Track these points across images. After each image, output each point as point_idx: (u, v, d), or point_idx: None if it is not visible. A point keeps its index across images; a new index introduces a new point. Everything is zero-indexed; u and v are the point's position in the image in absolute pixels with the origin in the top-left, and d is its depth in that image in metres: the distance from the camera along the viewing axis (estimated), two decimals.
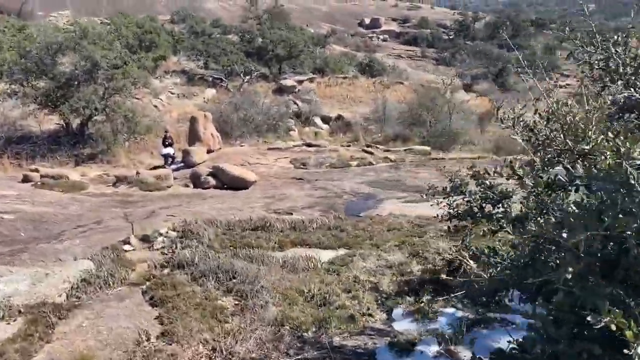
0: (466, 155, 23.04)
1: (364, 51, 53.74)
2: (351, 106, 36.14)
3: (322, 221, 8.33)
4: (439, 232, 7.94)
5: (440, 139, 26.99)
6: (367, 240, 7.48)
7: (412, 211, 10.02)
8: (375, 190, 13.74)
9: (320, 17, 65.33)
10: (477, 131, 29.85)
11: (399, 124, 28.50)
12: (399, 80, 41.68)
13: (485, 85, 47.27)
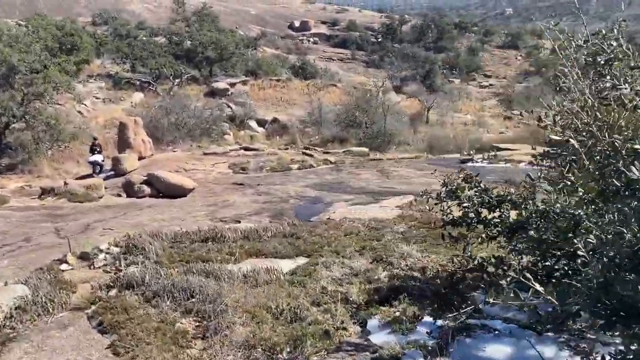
0: (403, 155, 23.31)
1: (296, 54, 53.56)
2: (286, 109, 35.82)
3: (277, 229, 7.93)
4: (396, 235, 7.76)
5: (377, 140, 27.23)
6: (326, 247, 7.16)
7: (363, 214, 9.81)
8: (321, 194, 13.48)
9: (249, 19, 64.54)
10: (410, 131, 30.38)
11: (335, 125, 28.46)
12: (332, 83, 41.81)
13: (414, 87, 48.37)
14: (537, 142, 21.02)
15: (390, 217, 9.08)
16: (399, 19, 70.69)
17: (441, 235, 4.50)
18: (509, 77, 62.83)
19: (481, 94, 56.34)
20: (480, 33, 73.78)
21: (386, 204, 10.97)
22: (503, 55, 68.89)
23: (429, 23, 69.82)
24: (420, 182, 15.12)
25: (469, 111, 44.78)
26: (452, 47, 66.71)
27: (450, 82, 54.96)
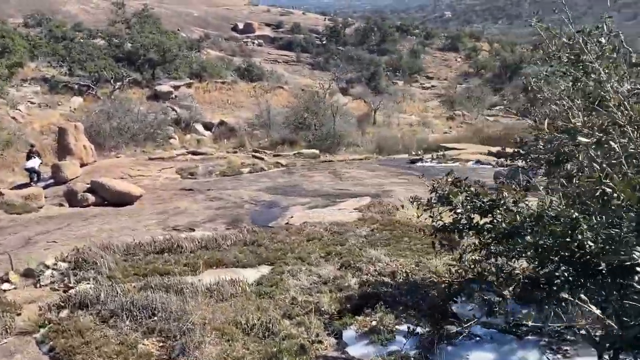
0: (353, 157, 23.31)
1: (240, 56, 52.94)
2: (233, 111, 35.23)
3: (237, 236, 7.61)
4: (360, 239, 7.61)
5: (326, 141, 27.15)
6: (290, 254, 6.91)
7: (322, 217, 9.62)
8: (276, 197, 13.19)
9: (192, 21, 63.26)
10: (358, 133, 30.51)
11: (284, 128, 28.20)
12: (279, 85, 41.53)
13: (359, 89, 48.79)
14: (480, 141, 21.34)
15: (351, 220, 8.93)
16: (343, 21, 71.22)
17: (432, 244, 4.33)
18: (450, 78, 64.49)
19: (424, 95, 57.54)
20: (422, 36, 75.39)
21: (344, 207, 10.82)
22: (444, 57, 70.62)
23: (371, 26, 70.75)
24: (373, 183, 15.10)
25: (413, 112, 45.59)
26: (395, 49, 67.86)
27: (394, 83, 55.84)
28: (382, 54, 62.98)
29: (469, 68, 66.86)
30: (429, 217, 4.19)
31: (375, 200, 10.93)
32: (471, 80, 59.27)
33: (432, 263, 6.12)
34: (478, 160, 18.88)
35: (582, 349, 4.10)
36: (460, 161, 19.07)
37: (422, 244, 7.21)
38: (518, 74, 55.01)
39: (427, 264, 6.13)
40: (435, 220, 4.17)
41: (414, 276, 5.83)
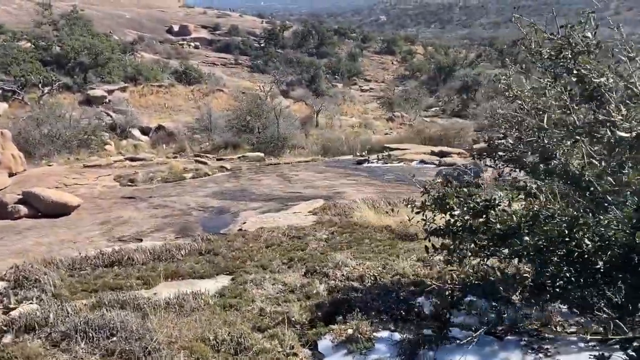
0: (299, 159, 23.10)
1: (176, 58, 51.60)
2: (171, 115, 34.21)
3: (191, 246, 7.22)
4: (320, 243, 7.41)
5: (270, 144, 26.82)
6: (249, 262, 6.62)
7: (277, 222, 9.36)
8: (225, 203, 12.78)
9: (124, 23, 61.08)
10: (302, 135, 30.36)
11: (227, 131, 27.64)
12: (218, 88, 40.78)
13: (300, 91, 48.75)
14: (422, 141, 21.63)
15: (308, 224, 8.72)
16: (281, 24, 71.02)
17: (425, 248, 4.16)
18: (387, 80, 65.67)
19: (363, 97, 58.28)
20: (359, 39, 76.37)
21: (298, 210, 10.60)
22: (381, 60, 71.83)
23: (309, 29, 70.93)
24: (323, 185, 14.96)
25: (354, 114, 46.03)
26: (333, 52, 68.42)
27: (334, 86, 56.26)
28: (321, 57, 63.29)
29: (405, 71, 68.31)
30: (421, 220, 4.00)
31: (329, 203, 10.77)
32: (408, 83, 60.57)
33: (399, 265, 6.01)
34: (422, 160, 19.15)
35: (562, 347, 4.07)
36: (405, 161, 19.27)
37: (384, 246, 7.11)
38: (452, 77, 56.77)
39: (393, 266, 6.00)
40: (428, 224, 3.98)
41: (382, 279, 5.69)
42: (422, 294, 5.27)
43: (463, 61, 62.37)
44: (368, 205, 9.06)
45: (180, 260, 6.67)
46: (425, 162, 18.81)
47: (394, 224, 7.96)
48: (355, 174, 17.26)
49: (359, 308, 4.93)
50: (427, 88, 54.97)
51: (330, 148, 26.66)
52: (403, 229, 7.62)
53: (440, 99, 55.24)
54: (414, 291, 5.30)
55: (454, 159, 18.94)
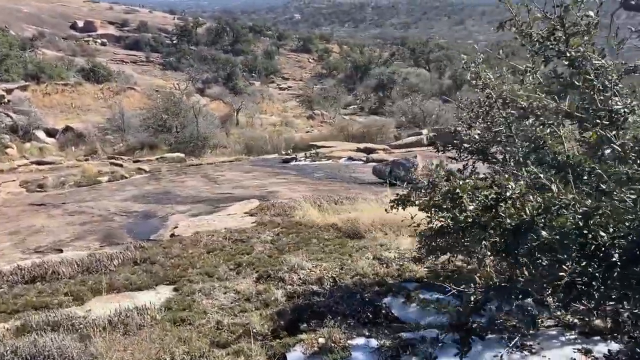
0: (222, 159, 22.35)
1: (82, 56, 48.55)
2: (79, 115, 32.06)
3: (124, 255, 6.48)
4: (267, 245, 6.94)
5: (190, 144, 25.82)
6: (191, 270, 6.02)
7: (213, 225, 8.76)
8: (149, 207, 11.91)
9: (23, 18, 56.63)
10: (222, 134, 29.51)
11: (143, 131, 26.24)
12: (129, 86, 38.79)
13: (217, 89, 47.63)
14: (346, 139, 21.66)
15: (248, 226, 8.20)
16: (193, 21, 68.98)
17: (426, 247, 3.79)
18: (305, 79, 65.79)
19: (282, 96, 58.03)
20: (275, 37, 75.89)
21: (232, 211, 10.03)
22: (297, 58, 71.81)
23: (224, 26, 69.57)
24: (253, 185, 14.42)
25: (273, 112, 45.69)
26: (249, 50, 67.52)
27: (252, 84, 55.52)
28: (236, 55, 62.22)
29: (322, 69, 68.74)
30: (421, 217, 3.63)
31: (266, 203, 10.28)
32: (325, 81, 60.98)
33: (356, 265, 5.68)
34: (350, 157, 19.08)
35: (544, 342, 3.91)
36: (333, 158, 19.12)
37: (334, 245, 6.77)
38: (368, 75, 57.80)
39: (351, 266, 5.67)
40: (433, 220, 3.59)
41: (342, 281, 5.33)
42: (387, 294, 4.97)
43: (378, 60, 63.70)
44: (310, 204, 8.68)
45: (114, 272, 5.95)
46: (352, 159, 18.75)
47: (340, 222, 7.64)
48: (284, 172, 16.85)
49: (326, 314, 4.54)
50: (345, 86, 55.60)
51: (254, 147, 26.08)
52: (351, 227, 7.31)
53: (357, 97, 56.09)
54: (379, 292, 4.98)
55: (381, 155, 19.02)
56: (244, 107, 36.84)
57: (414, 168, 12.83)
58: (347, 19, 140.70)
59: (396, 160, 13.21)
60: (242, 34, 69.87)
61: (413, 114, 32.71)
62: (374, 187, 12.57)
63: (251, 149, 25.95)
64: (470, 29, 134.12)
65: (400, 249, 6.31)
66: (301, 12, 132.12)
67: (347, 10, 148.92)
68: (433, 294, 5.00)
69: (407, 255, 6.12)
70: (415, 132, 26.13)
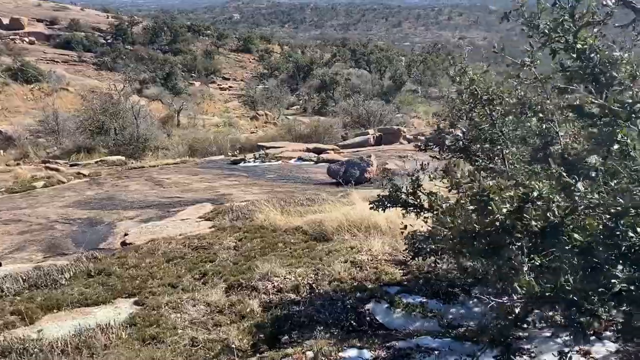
0: (166, 161, 21.48)
1: (8, 55, 45.83)
2: (7, 118, 30.19)
3: (76, 267, 5.90)
4: (231, 252, 6.55)
5: (130, 146, 24.78)
6: (152, 281, 5.56)
7: (167, 231, 8.26)
8: (94, 213, 11.17)
9: None
10: (164, 135, 28.54)
11: (80, 134, 24.94)
12: (62, 87, 36.92)
13: (155, 90, 46.19)
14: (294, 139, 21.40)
15: (207, 231, 7.76)
16: (129, 19, 66.65)
17: (415, 250, 3.52)
18: (246, 79, 64.98)
19: (223, 96, 57.08)
20: (214, 37, 74.49)
21: (186, 216, 9.53)
22: (238, 58, 70.81)
23: (161, 25, 67.69)
24: (203, 188, 13.88)
25: (215, 113, 44.89)
26: (188, 49, 65.97)
27: (192, 84, 54.33)
28: (175, 54, 60.64)
29: (264, 69, 68.13)
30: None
31: (222, 206, 9.84)
32: (267, 81, 60.47)
33: (332, 269, 5.40)
34: (300, 157, 18.79)
35: (541, 345, 3.78)
36: (283, 159, 18.76)
37: (302, 249, 6.48)
38: (311, 75, 57.77)
39: (326, 271, 5.39)
40: (455, 224, 3.19)
41: (319, 288, 5.05)
42: (369, 299, 4.73)
43: (320, 61, 63.82)
44: (271, 207, 8.34)
45: (65, 286, 5.39)
46: (303, 159, 18.47)
47: (305, 225, 7.35)
48: (235, 174, 16.35)
49: (308, 324, 4.24)
50: (288, 86, 55.35)
51: (198, 148, 25.31)
52: (317, 230, 7.04)
53: (301, 98, 55.96)
54: (361, 297, 4.73)
55: (331, 155, 18.86)
56: (184, 107, 35.85)
57: (370, 168, 12.73)
58: (287, 20, 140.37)
59: (350, 160, 13.05)
60: (180, 33, 68.20)
61: (358, 114, 32.90)
62: (329, 188, 12.35)
63: (195, 151, 25.18)
64: (407, 31, 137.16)
65: (372, 251, 6.10)
66: (240, 12, 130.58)
67: (286, 10, 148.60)
68: (416, 297, 4.81)
69: (381, 258, 5.92)
70: (362, 131, 26.21)
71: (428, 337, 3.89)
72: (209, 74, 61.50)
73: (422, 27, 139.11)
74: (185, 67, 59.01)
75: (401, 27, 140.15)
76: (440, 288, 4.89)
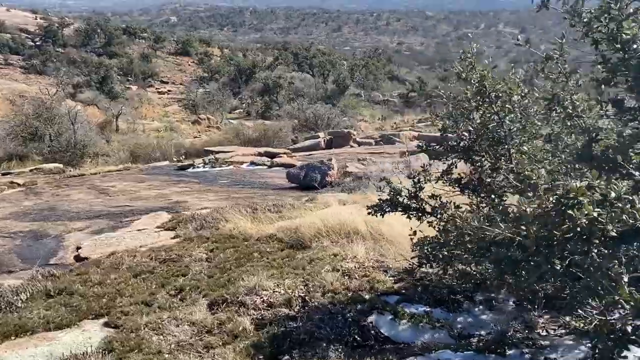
0: (109, 168, 20.35)
1: None
2: None
3: (33, 286, 5.21)
4: (204, 264, 6.03)
5: (67, 153, 23.41)
6: (121, 299, 4.98)
7: (124, 243, 7.61)
8: (36, 226, 10.24)
9: None
10: (103, 141, 27.19)
11: (10, 141, 23.28)
12: None
13: (90, 94, 44.27)
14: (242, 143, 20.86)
15: (171, 242, 7.17)
16: (59, 21, 63.66)
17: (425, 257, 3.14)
18: (186, 82, 63.52)
19: (162, 100, 55.55)
20: (151, 39, 72.36)
21: (142, 226, 8.86)
22: (176, 61, 69.11)
23: (94, 27, 65.10)
24: (153, 195, 13.13)
25: (154, 117, 43.58)
26: (124, 52, 63.83)
27: (128, 88, 52.53)
28: (110, 57, 58.40)
29: (204, 72, 66.86)
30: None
31: (181, 215, 9.22)
32: (208, 85, 59.35)
33: (322, 280, 5.01)
34: (252, 162, 18.24)
35: (566, 353, 3.56)
36: (234, 164, 18.15)
37: (282, 258, 6.05)
38: (253, 79, 57.12)
39: (316, 282, 5.00)
40: (531, 231, 2.76)
41: (312, 300, 4.65)
42: (371, 311, 4.37)
43: (262, 64, 63.30)
44: (239, 214, 7.85)
45: (22, 309, 4.72)
46: (255, 164, 17.94)
47: (279, 232, 6.92)
48: (184, 180, 15.62)
49: (309, 341, 3.84)
50: (231, 90, 54.48)
51: (141, 154, 24.22)
52: (293, 237, 6.63)
53: (243, 101, 55.26)
54: (361, 310, 4.37)
55: (284, 159, 18.43)
56: (123, 112, 34.45)
57: (331, 171, 12.42)
58: (226, 23, 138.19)
59: (311, 164, 12.68)
60: (115, 35, 65.84)
61: (305, 118, 32.66)
62: (291, 193, 11.94)
63: (138, 157, 24.11)
64: (347, 36, 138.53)
65: (357, 258, 5.76)
66: (177, 15, 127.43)
67: (225, 14, 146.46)
68: (418, 306, 4.51)
69: (368, 265, 5.59)
70: (312, 135, 25.93)
71: (448, 351, 3.59)
72: (146, 77, 59.75)
73: (362, 32, 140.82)
74: (122, 71, 57.08)
75: (341, 32, 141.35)
76: (442, 295, 4.61)
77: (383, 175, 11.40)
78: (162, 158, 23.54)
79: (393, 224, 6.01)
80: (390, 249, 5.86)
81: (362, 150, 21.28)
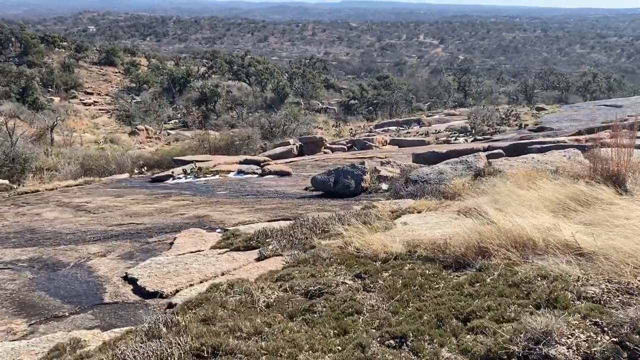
0: (67, 183, 17.61)
1: None
2: None
3: (170, 346, 3.35)
4: (373, 297, 4.39)
5: (4, 168, 20.48)
6: (301, 354, 3.28)
7: (193, 270, 5.77)
8: (33, 252, 7.98)
9: None
10: (45, 155, 24.20)
11: None
12: None
13: (11, 105, 40.44)
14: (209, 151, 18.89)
15: (274, 268, 5.42)
16: None
17: None
18: (112, 93, 60.12)
19: (90, 111, 52.14)
20: (72, 48, 67.72)
21: (193, 248, 7.00)
22: (101, 71, 65.19)
23: (8, 35, 60.08)
24: (152, 211, 11.05)
25: (84, 129, 40.59)
26: (42, 62, 59.37)
27: (50, 100, 48.72)
28: (28, 67, 53.91)
29: (131, 82, 63.59)
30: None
31: (227, 232, 7.41)
32: (140, 95, 56.35)
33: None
34: (240, 170, 16.38)
35: None
36: (221, 173, 16.19)
37: (469, 283, 4.50)
38: (188, 88, 54.73)
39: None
40: None
41: None
42: None
43: (196, 72, 60.98)
44: (342, 223, 6.22)
45: None
46: (244, 172, 16.09)
47: (416, 248, 5.40)
48: (174, 192, 13.49)
49: None
50: (167, 99, 51.85)
51: (95, 167, 21.57)
52: (448, 254, 5.12)
53: (179, 111, 52.87)
54: None
55: (273, 166, 16.67)
56: (57, 124, 31.33)
57: (365, 176, 10.97)
58: (148, 33, 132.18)
59: (340, 168, 11.14)
60: (32, 44, 61.12)
61: (260, 125, 31.20)
62: (328, 201, 10.35)
63: (90, 170, 21.48)
64: (274, 46, 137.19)
65: (596, 279, 4.27)
66: (96, 24, 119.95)
67: (147, 23, 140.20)
68: None
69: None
70: (281, 142, 24.30)
71: None
72: (69, 88, 55.82)
73: (289, 42, 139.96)
74: (42, 81, 52.88)
75: (268, 42, 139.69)
76: None
77: (442, 178, 10.13)
78: (119, 171, 21.07)
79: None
80: (604, 264, 4.44)
81: (348, 155, 19.96)
